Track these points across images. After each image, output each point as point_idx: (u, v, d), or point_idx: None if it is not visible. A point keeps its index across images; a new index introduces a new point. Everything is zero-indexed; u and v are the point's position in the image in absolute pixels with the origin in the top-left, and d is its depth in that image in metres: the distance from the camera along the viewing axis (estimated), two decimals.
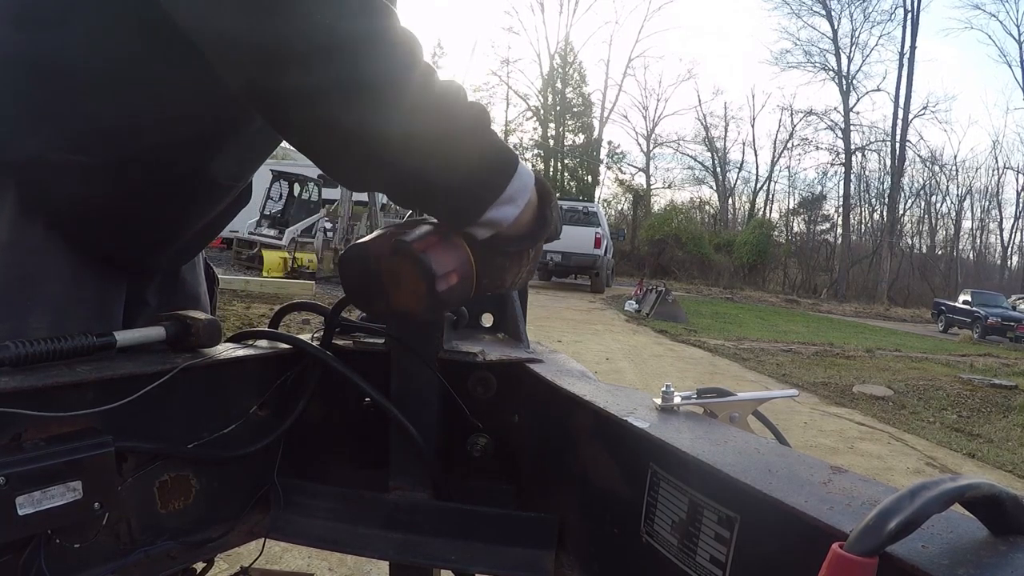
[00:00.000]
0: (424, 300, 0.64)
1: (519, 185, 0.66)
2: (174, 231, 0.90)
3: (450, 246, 0.66)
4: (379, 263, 0.65)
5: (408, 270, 0.63)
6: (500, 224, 0.67)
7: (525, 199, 0.67)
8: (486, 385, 0.87)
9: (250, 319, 6.79)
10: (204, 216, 0.92)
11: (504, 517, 0.81)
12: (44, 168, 0.73)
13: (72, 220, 0.77)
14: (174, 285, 1.00)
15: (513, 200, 0.66)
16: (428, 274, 0.62)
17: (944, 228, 40.51)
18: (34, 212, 0.75)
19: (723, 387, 0.70)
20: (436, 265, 0.63)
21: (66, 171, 0.73)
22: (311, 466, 0.91)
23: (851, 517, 0.43)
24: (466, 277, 0.66)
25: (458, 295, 0.66)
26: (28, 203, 0.74)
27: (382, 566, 1.69)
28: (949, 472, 4.21)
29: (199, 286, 1.06)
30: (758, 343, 10.30)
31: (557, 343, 7.65)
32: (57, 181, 0.74)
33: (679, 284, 26.20)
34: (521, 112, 41.24)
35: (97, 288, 0.83)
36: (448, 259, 0.65)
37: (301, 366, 0.87)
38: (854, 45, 36.40)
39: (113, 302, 0.86)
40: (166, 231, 0.89)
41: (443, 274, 0.63)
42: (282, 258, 12.03)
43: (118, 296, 0.88)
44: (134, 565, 0.70)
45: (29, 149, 0.72)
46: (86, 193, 0.76)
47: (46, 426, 0.60)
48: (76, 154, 0.73)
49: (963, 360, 10.94)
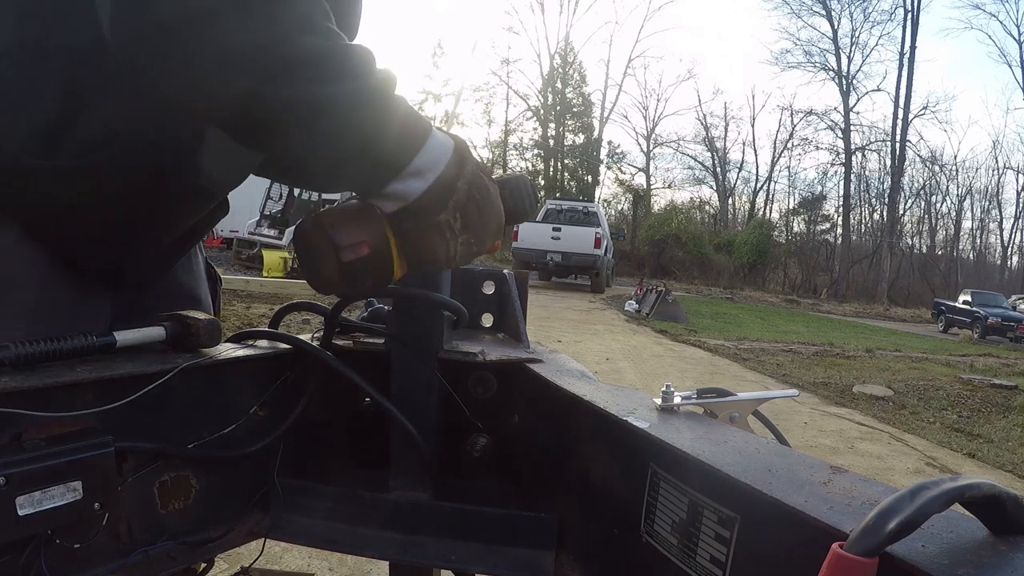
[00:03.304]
0: (336, 271, 0.67)
1: (429, 157, 0.65)
2: (151, 237, 0.88)
3: (363, 219, 0.67)
4: (306, 238, 0.69)
5: (320, 242, 0.67)
6: (406, 197, 0.65)
7: (436, 173, 0.66)
8: (486, 385, 0.87)
9: (250, 319, 6.78)
10: (183, 222, 0.91)
11: (504, 517, 0.81)
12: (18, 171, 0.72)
13: (47, 224, 0.77)
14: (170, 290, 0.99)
15: (420, 173, 0.65)
16: (333, 244, 0.66)
17: (944, 228, 40.56)
18: (7, 216, 0.74)
19: (723, 387, 0.70)
20: (341, 236, 0.66)
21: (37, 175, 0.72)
22: (311, 466, 0.91)
23: (851, 517, 0.43)
24: (380, 250, 0.67)
25: (373, 266, 0.68)
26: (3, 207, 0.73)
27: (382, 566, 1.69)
28: (949, 472, 4.22)
29: (199, 288, 1.05)
30: (758, 343, 10.30)
31: (557, 343, 7.65)
32: (31, 185, 0.73)
33: (679, 284, 26.21)
34: (521, 112, 41.24)
35: (72, 295, 0.82)
36: (357, 231, 0.67)
37: (301, 366, 0.86)
38: (854, 45, 36.46)
39: (92, 311, 0.85)
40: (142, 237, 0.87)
41: (348, 244, 0.66)
42: (282, 258, 12.01)
43: (99, 306, 0.86)
44: (134, 565, 0.70)
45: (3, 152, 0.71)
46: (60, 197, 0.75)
47: (46, 426, 0.60)
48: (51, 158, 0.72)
49: (963, 360, 10.94)
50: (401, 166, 0.64)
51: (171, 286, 0.99)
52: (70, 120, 0.73)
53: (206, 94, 0.57)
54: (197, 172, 0.84)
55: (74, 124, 0.73)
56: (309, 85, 0.56)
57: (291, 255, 12.16)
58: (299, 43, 0.56)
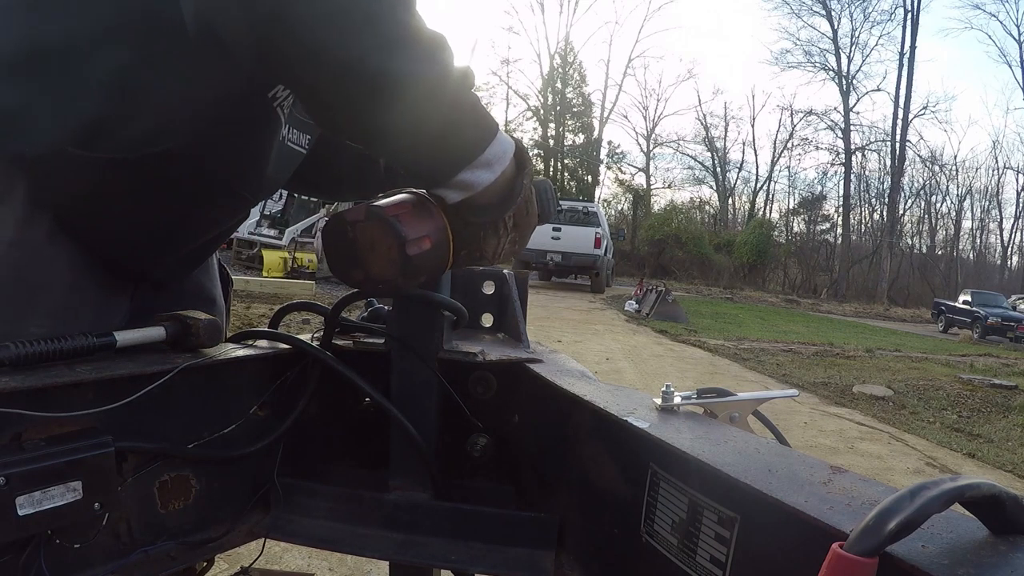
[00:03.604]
0: (397, 265, 0.64)
1: (498, 151, 0.66)
2: (182, 238, 0.88)
3: (424, 212, 0.66)
4: (355, 230, 0.65)
5: (380, 235, 0.64)
6: (473, 187, 0.66)
7: (502, 167, 0.67)
8: (486, 385, 0.87)
9: (250, 319, 6.78)
10: (216, 226, 0.91)
11: (504, 517, 0.81)
12: (59, 162, 0.71)
13: (79, 219, 0.76)
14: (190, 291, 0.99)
15: (489, 165, 0.66)
16: (399, 237, 0.63)
17: (944, 228, 40.55)
18: (42, 209, 0.73)
19: (723, 387, 0.70)
20: (407, 228, 0.64)
21: (80, 167, 0.72)
22: (311, 466, 0.91)
23: (851, 517, 0.43)
24: (440, 243, 0.67)
25: (433, 261, 0.67)
26: (37, 199, 0.73)
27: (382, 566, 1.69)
28: (949, 472, 4.22)
29: (214, 289, 1.06)
30: (758, 343, 10.29)
31: (557, 343, 7.65)
32: (70, 177, 0.72)
33: (679, 284, 26.19)
34: (521, 112, 41.25)
35: (97, 296, 0.82)
36: (421, 224, 0.65)
37: (301, 366, 0.86)
38: (854, 45, 36.45)
39: (113, 311, 0.85)
40: (174, 238, 0.87)
41: (414, 238, 0.64)
42: (282, 258, 12.01)
43: (120, 305, 0.86)
44: (134, 565, 0.70)
45: (45, 142, 0.70)
46: (97, 191, 0.75)
47: (46, 426, 0.60)
48: (92, 150, 0.71)
49: (963, 360, 10.93)
50: (474, 156, 0.65)
51: (189, 287, 0.99)
52: (123, 114, 0.72)
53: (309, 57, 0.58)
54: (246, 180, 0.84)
55: (129, 118, 0.72)
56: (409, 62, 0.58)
57: (291, 255, 12.16)
58: (404, 20, 0.58)
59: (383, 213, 0.64)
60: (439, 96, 0.61)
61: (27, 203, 0.72)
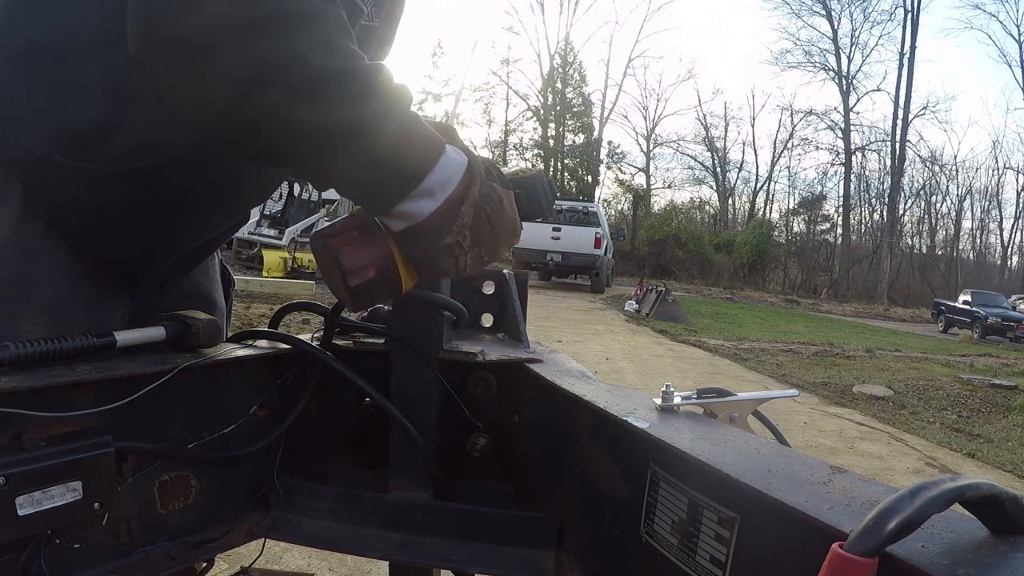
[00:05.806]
0: (344, 292, 0.67)
1: (442, 176, 0.64)
2: (176, 243, 0.89)
3: (369, 239, 0.67)
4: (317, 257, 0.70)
5: (328, 264, 0.67)
6: (415, 217, 0.64)
7: (446, 194, 0.64)
8: (486, 385, 0.87)
9: (250, 319, 6.78)
10: (210, 232, 0.91)
11: (504, 517, 0.81)
12: (49, 170, 0.72)
13: (70, 225, 0.77)
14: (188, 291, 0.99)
15: (431, 193, 0.64)
16: (340, 268, 0.66)
17: (944, 228, 40.54)
18: (37, 211, 0.74)
19: (723, 387, 0.70)
20: (348, 260, 0.66)
21: (70, 175, 0.72)
22: (311, 466, 0.91)
23: (851, 517, 0.43)
24: (385, 271, 0.67)
25: (380, 289, 0.68)
26: (32, 201, 0.74)
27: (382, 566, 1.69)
28: (949, 472, 4.22)
29: (215, 289, 1.06)
30: (758, 343, 10.29)
31: (557, 343, 7.65)
32: (61, 184, 0.73)
33: (679, 284, 26.20)
34: (521, 112, 41.26)
35: (94, 294, 0.82)
36: (363, 254, 0.66)
37: (301, 366, 0.86)
38: (854, 45, 36.45)
39: (111, 309, 0.85)
40: (168, 243, 0.87)
41: (355, 269, 0.66)
42: (282, 258, 12.01)
43: (118, 304, 0.87)
44: (134, 565, 0.70)
45: (37, 149, 0.71)
46: (87, 200, 0.75)
47: (46, 426, 0.60)
48: (78, 160, 0.72)
49: (963, 360, 10.94)
50: (412, 186, 0.63)
51: (189, 287, 0.99)
52: (114, 124, 0.72)
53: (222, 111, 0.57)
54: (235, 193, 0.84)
55: (119, 128, 0.72)
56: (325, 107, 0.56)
57: (291, 255, 12.17)
58: (319, 64, 0.56)
59: (327, 243, 0.67)
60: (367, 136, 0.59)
61: (22, 204, 0.73)
